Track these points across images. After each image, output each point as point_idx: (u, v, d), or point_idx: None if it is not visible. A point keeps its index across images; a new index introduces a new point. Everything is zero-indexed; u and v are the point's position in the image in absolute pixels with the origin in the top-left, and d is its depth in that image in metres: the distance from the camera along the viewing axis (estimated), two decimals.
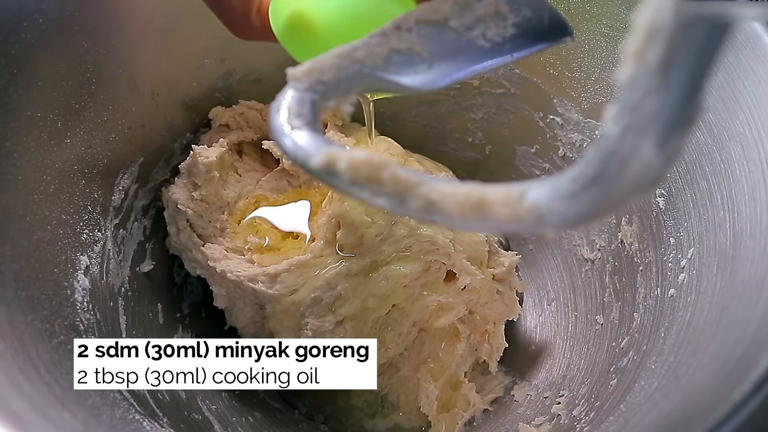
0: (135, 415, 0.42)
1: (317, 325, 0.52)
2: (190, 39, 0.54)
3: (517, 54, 0.34)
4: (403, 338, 0.54)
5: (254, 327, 0.56)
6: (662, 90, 0.21)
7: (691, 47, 0.20)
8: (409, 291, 0.53)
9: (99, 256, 0.50)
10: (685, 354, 0.39)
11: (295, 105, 0.30)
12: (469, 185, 0.25)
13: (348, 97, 0.32)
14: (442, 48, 0.33)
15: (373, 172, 0.25)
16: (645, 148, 0.21)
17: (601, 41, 0.50)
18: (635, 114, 0.21)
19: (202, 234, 0.57)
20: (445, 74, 0.33)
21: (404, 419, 0.59)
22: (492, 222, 0.24)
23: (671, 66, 0.20)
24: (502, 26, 0.33)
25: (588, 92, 0.54)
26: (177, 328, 0.58)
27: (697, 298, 0.41)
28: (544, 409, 0.53)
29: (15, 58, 0.42)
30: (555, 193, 0.23)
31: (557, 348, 0.59)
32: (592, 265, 0.58)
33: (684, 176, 0.45)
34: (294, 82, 0.31)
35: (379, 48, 0.31)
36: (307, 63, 0.31)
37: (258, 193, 0.60)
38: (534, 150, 0.62)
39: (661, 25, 0.20)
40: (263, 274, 0.53)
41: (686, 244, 0.44)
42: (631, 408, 0.41)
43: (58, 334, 0.41)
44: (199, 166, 0.55)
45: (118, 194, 0.53)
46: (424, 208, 0.25)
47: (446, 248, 0.53)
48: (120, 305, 0.51)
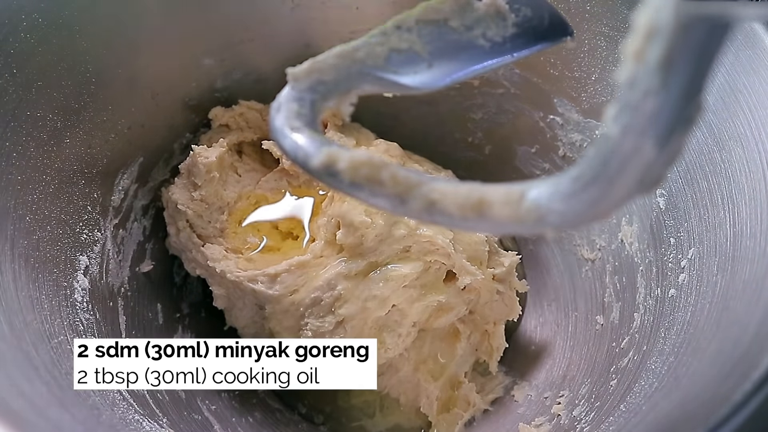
0: (135, 416, 0.42)
1: (317, 326, 0.52)
2: (190, 39, 0.54)
3: (518, 54, 0.34)
4: (403, 339, 0.54)
5: (254, 327, 0.56)
6: (662, 90, 0.20)
7: (691, 47, 0.20)
8: (408, 291, 0.53)
9: (99, 256, 0.50)
10: (685, 354, 0.39)
11: (296, 105, 0.30)
12: (469, 185, 0.25)
13: (348, 97, 0.32)
14: (443, 48, 0.33)
15: (373, 172, 0.25)
16: (645, 147, 0.21)
17: (601, 41, 0.50)
18: (635, 114, 0.21)
19: (201, 234, 0.57)
20: (445, 74, 0.33)
21: (404, 419, 0.59)
22: (492, 222, 0.24)
23: (671, 66, 0.20)
24: (503, 26, 0.33)
25: (588, 92, 0.54)
26: (177, 328, 0.58)
27: (697, 298, 0.41)
28: (544, 409, 0.53)
29: (15, 58, 0.42)
30: (555, 193, 0.23)
31: (557, 348, 0.59)
32: (592, 265, 0.58)
33: (684, 176, 0.45)
34: (294, 82, 0.31)
35: (379, 48, 0.31)
36: (308, 63, 0.31)
37: (258, 193, 0.60)
38: (534, 150, 0.62)
39: (661, 24, 0.20)
40: (263, 274, 0.53)
41: (686, 244, 0.44)
42: (632, 408, 0.41)
43: (57, 334, 0.41)
44: (199, 167, 0.55)
45: (118, 194, 0.53)
46: (424, 208, 0.25)
47: (446, 248, 0.53)
48: (120, 305, 0.51)
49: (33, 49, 0.43)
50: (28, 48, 0.43)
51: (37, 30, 0.43)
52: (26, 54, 0.43)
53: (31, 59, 0.43)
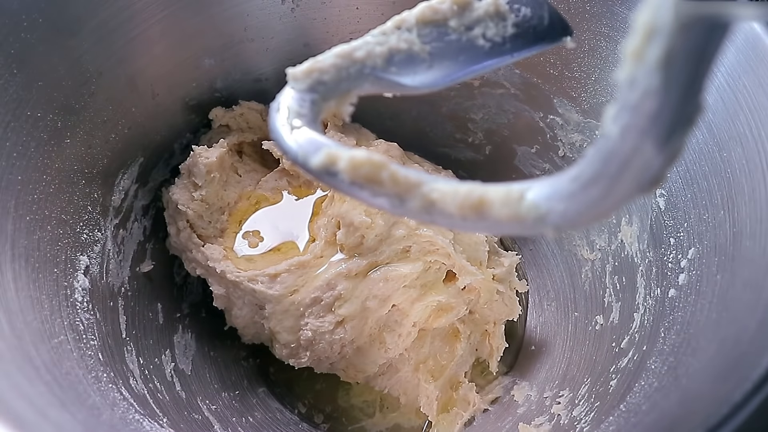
0: (135, 415, 0.42)
1: (317, 326, 0.52)
2: (190, 39, 0.54)
3: (517, 54, 0.34)
4: (403, 339, 0.54)
5: (254, 327, 0.56)
6: (662, 90, 0.20)
7: (690, 47, 0.20)
8: (408, 291, 0.53)
9: (99, 256, 0.50)
10: (685, 354, 0.39)
11: (295, 105, 0.30)
12: (469, 185, 0.25)
13: (348, 97, 0.32)
14: (443, 48, 0.33)
15: (372, 172, 0.25)
16: (645, 147, 0.21)
17: (601, 41, 0.50)
18: (635, 114, 0.21)
19: (202, 234, 0.57)
20: (445, 74, 0.33)
21: (404, 419, 0.59)
22: (492, 222, 0.24)
23: (671, 65, 0.20)
24: (502, 26, 0.33)
25: (588, 92, 0.54)
26: (177, 328, 0.58)
27: (697, 298, 0.41)
28: (544, 409, 0.53)
29: (15, 58, 0.42)
30: (555, 193, 0.23)
31: (557, 348, 0.59)
32: (592, 265, 0.58)
33: (684, 176, 0.45)
34: (294, 82, 0.30)
35: (379, 48, 0.31)
36: (308, 63, 0.31)
37: (258, 194, 0.60)
38: (534, 150, 0.62)
39: (660, 24, 0.20)
40: (263, 274, 0.53)
41: (686, 244, 0.44)
42: (631, 408, 0.41)
43: (57, 334, 0.41)
44: (200, 167, 0.55)
45: (118, 194, 0.53)
46: (424, 208, 0.25)
47: (446, 248, 0.53)
48: (120, 305, 0.51)
49: (33, 49, 0.43)
50: (28, 48, 0.43)
51: (37, 30, 0.43)
52: (26, 54, 0.43)
53: (31, 59, 0.43)
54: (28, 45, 0.43)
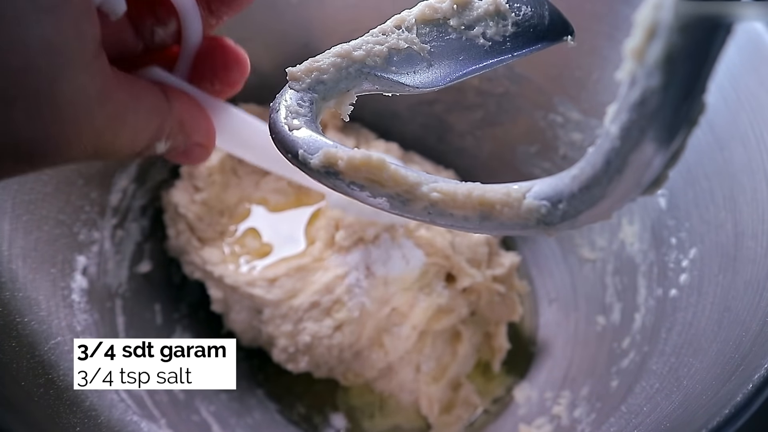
0: (133, 417, 0.42)
1: (315, 330, 0.52)
2: None
3: (518, 53, 0.34)
4: (403, 341, 0.54)
5: (251, 332, 0.56)
6: (663, 89, 0.20)
7: (692, 47, 0.20)
8: (408, 294, 0.53)
9: (97, 257, 0.49)
10: (686, 355, 0.39)
11: (295, 105, 0.30)
12: (469, 185, 0.25)
13: (348, 96, 0.31)
14: (442, 47, 0.33)
15: (373, 171, 0.25)
16: (646, 147, 0.21)
17: (601, 41, 0.50)
18: (635, 113, 0.21)
19: (201, 237, 0.56)
20: (445, 74, 0.33)
21: (404, 420, 0.59)
22: (493, 222, 0.24)
23: (672, 65, 0.20)
24: (502, 25, 0.33)
25: (588, 92, 0.54)
26: (175, 328, 0.57)
27: (698, 299, 0.41)
28: (545, 410, 0.53)
29: None
30: (555, 194, 0.23)
31: (558, 349, 0.59)
32: (593, 265, 0.58)
33: (685, 176, 0.45)
34: (293, 81, 0.30)
35: (378, 47, 0.31)
36: (307, 62, 0.31)
37: (258, 196, 0.60)
38: (534, 150, 0.62)
39: (661, 23, 0.19)
40: (261, 278, 0.53)
41: (688, 244, 0.44)
42: (632, 409, 0.41)
43: (55, 335, 0.41)
44: (201, 170, 0.55)
45: (116, 194, 0.52)
46: (424, 208, 0.25)
47: (445, 250, 0.53)
48: (118, 306, 0.51)
49: None
50: None
51: None
52: None
53: None
54: None
